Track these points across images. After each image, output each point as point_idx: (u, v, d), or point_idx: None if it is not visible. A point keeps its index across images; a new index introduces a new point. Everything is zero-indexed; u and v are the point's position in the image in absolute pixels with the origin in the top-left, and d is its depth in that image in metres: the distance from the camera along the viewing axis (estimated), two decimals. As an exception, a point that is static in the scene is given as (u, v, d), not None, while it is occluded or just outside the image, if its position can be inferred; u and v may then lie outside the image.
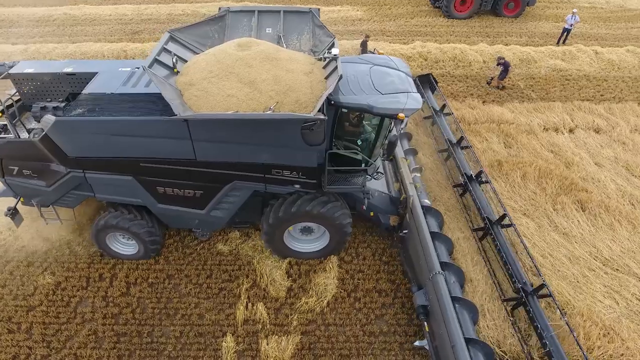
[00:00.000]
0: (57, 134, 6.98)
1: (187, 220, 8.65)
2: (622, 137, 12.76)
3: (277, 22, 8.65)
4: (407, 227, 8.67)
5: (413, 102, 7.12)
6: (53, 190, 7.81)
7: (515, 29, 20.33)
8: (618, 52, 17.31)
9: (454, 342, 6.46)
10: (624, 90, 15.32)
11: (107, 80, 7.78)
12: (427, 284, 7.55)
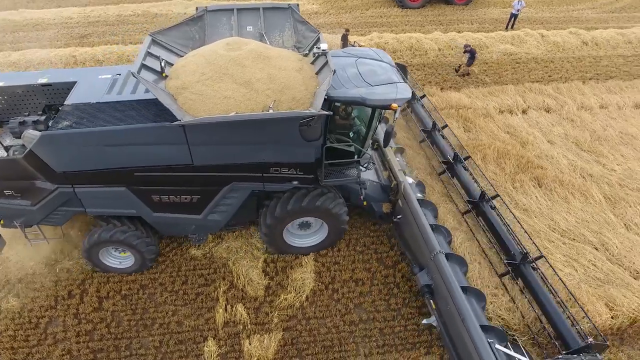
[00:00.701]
0: (43, 149, 6.64)
1: (184, 227, 8.47)
2: (570, 115, 13.55)
3: (257, 20, 8.55)
4: (400, 212, 8.91)
5: (403, 92, 7.30)
6: (39, 208, 7.40)
7: (467, 16, 21.03)
8: (562, 34, 18.28)
9: (464, 315, 6.72)
10: (569, 71, 16.24)
11: (89, 89, 7.45)
12: (429, 263, 7.80)
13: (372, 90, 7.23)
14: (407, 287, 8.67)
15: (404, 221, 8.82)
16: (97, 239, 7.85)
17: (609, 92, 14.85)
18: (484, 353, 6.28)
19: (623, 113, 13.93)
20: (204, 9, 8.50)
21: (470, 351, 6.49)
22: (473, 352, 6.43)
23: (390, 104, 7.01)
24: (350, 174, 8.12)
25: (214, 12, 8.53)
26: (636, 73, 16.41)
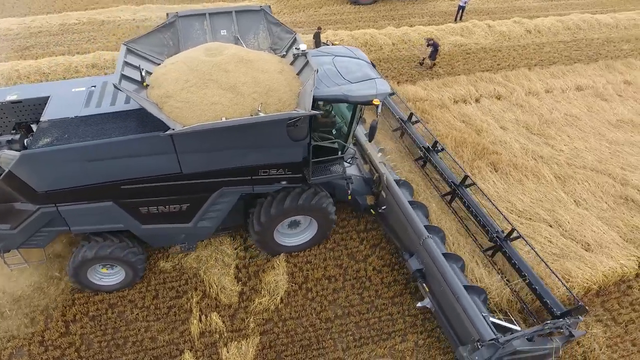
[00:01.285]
0: (23, 169, 6.39)
1: (173, 237, 8.38)
2: (519, 101, 14.26)
3: (230, 24, 8.50)
4: (384, 203, 9.18)
5: (383, 87, 7.46)
6: (19, 231, 7.08)
7: (417, 10, 21.58)
8: (507, 24, 19.14)
9: (457, 292, 7.17)
10: (515, 58, 17.05)
11: (64, 104, 7.18)
12: (419, 249, 8.15)
13: (353, 87, 7.38)
14: (379, 280, 8.90)
15: (389, 211, 9.10)
16: (81, 258, 7.58)
17: (553, 77, 15.73)
18: (480, 326, 6.74)
19: (567, 96, 14.81)
20: (175, 14, 8.32)
21: (467, 326, 6.96)
22: (470, 327, 6.89)
23: (372, 100, 7.21)
24: (336, 170, 8.27)
25: (186, 17, 8.36)
26: (576, 57, 17.47)
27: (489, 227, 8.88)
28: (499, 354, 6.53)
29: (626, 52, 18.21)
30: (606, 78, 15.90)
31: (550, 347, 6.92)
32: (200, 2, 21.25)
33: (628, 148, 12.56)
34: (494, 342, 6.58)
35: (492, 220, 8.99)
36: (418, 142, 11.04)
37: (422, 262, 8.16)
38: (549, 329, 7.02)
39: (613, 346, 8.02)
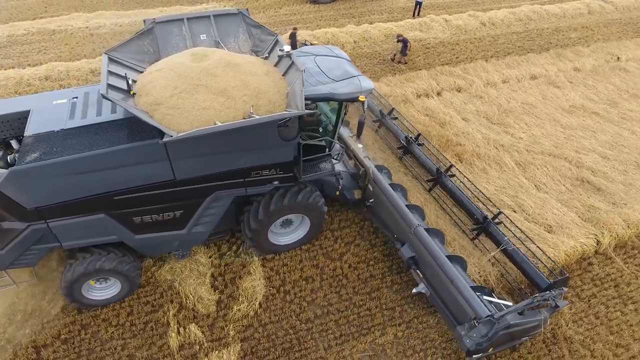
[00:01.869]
0: (12, 186, 6.24)
1: (167, 244, 8.30)
2: (478, 92, 14.77)
3: (209, 28, 8.45)
4: (371, 196, 9.40)
5: (367, 84, 7.76)
6: (8, 251, 6.86)
7: (376, 7, 21.88)
8: (462, 18, 19.74)
9: (451, 276, 7.55)
10: (472, 51, 17.62)
11: (48, 117, 6.99)
12: (410, 237, 8.42)
13: (338, 86, 7.60)
14: (355, 276, 9.03)
15: (377, 203, 9.36)
16: (73, 274, 7.35)
17: (509, 67, 16.37)
18: (476, 305, 7.17)
19: (522, 85, 15.46)
20: (152, 21, 8.23)
21: (463, 305, 7.35)
22: (465, 306, 7.30)
23: (358, 97, 7.46)
24: (325, 167, 8.44)
25: (163, 23, 8.29)
26: (529, 47, 18.24)
27: (474, 210, 9.34)
28: (495, 329, 6.95)
29: (574, 40, 19.17)
30: (557, 66, 16.70)
31: (539, 318, 7.45)
32: (156, 7, 20.73)
33: (581, 132, 13.27)
34: (489, 318, 7.00)
35: (476, 205, 9.44)
36: (398, 135, 11.43)
37: (414, 249, 8.43)
38: (538, 302, 7.48)
39: (578, 321, 8.49)
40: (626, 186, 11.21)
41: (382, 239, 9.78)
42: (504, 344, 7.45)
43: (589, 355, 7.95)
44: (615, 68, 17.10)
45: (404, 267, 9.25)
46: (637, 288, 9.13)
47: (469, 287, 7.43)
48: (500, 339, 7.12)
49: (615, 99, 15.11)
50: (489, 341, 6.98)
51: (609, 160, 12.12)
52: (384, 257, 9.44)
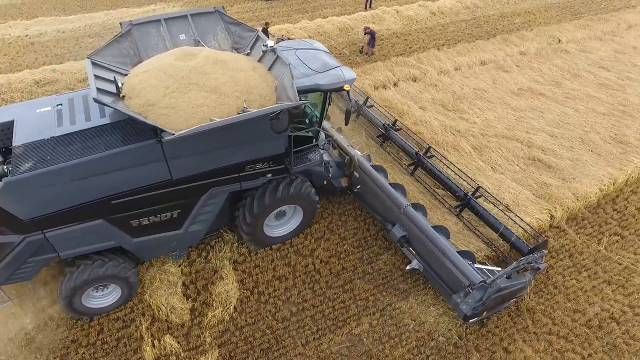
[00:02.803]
0: (7, 197, 6.12)
1: (165, 246, 8.27)
2: (433, 81, 15.22)
3: (187, 28, 8.46)
4: (358, 182, 9.84)
5: (349, 73, 8.08)
6: (3, 267, 6.69)
7: (328, 1, 21.96)
8: (413, 8, 20.19)
9: (443, 249, 8.10)
10: (425, 40, 18.09)
11: (35, 126, 6.87)
12: (400, 217, 8.87)
13: (322, 77, 7.90)
14: (327, 271, 9.17)
15: (364, 189, 9.77)
16: (75, 283, 7.21)
17: (459, 55, 16.95)
18: (469, 273, 7.73)
19: (473, 71, 16.07)
20: (129, 23, 8.09)
21: (456, 275, 7.89)
22: (459, 275, 7.85)
23: (343, 86, 7.82)
24: (313, 157, 8.65)
25: (140, 25, 8.19)
26: (477, 34, 18.94)
27: (455, 188, 9.99)
28: (488, 293, 7.53)
29: (518, 25, 20.08)
30: (504, 51, 17.46)
31: (524, 280, 8.22)
32: (100, 10, 19.88)
33: (530, 113, 13.99)
34: (482, 284, 7.57)
35: (457, 183, 10.09)
36: (376, 122, 11.94)
37: (405, 229, 8.85)
38: (523, 265, 8.20)
39: (539, 292, 9.03)
40: (573, 162, 11.96)
41: (352, 231, 9.97)
42: (495, 307, 8.12)
43: (550, 323, 8.48)
44: (557, 50, 18.09)
45: (374, 257, 9.49)
46: (589, 256, 9.80)
47: (461, 258, 7.99)
48: (493, 302, 7.77)
49: (559, 80, 16.01)
50: (483, 305, 7.60)
51: (556, 138, 12.87)
52: (354, 249, 9.63)
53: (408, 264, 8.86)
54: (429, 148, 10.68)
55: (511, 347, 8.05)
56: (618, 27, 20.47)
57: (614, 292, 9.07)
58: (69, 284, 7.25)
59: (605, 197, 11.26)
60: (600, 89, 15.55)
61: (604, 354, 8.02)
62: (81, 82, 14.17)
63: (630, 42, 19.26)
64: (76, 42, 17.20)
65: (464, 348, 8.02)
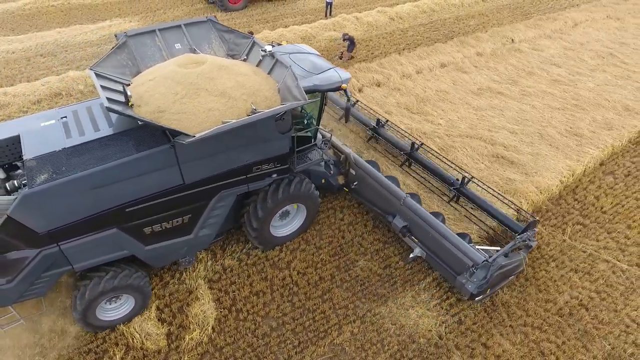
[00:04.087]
0: (25, 210, 6.11)
1: (175, 252, 8.27)
2: (396, 85, 15.51)
3: (182, 37, 8.67)
4: (354, 179, 10.23)
5: (344, 74, 8.45)
6: (17, 283, 6.54)
7: (288, 10, 22.04)
8: (372, 14, 20.54)
9: (445, 234, 8.56)
10: (385, 46, 18.43)
11: (42, 139, 6.89)
12: (400, 209, 9.27)
13: (319, 78, 8.22)
14: (305, 282, 9.11)
15: (361, 185, 10.16)
16: (90, 295, 7.18)
17: (420, 58, 17.36)
18: (472, 254, 8.20)
19: (434, 74, 16.49)
20: (124, 35, 8.21)
21: (460, 257, 8.33)
22: (463, 257, 8.30)
23: (340, 86, 8.23)
24: (314, 156, 9.02)
25: (135, 36, 8.30)
26: (435, 37, 19.48)
27: (448, 178, 10.43)
28: (491, 271, 8.03)
29: (473, 27, 20.81)
30: (462, 53, 18.03)
31: (520, 258, 8.79)
32: (52, 28, 19.11)
33: (490, 112, 14.48)
34: (485, 262, 8.04)
35: (449, 174, 10.52)
36: (365, 122, 12.30)
37: (405, 219, 9.21)
38: (519, 243, 8.77)
39: (511, 286, 9.29)
40: (534, 156, 12.45)
41: (327, 240, 9.95)
42: (497, 284, 8.67)
43: (524, 315, 8.74)
44: (511, 49, 18.86)
45: (350, 264, 9.50)
46: (555, 247, 10.20)
47: (463, 241, 8.50)
48: (495, 279, 8.27)
49: (515, 78, 16.67)
50: (487, 283, 8.10)
51: (517, 134, 13.37)
52: (330, 257, 9.62)
53: (411, 253, 9.30)
54: (422, 144, 11.16)
55: (490, 342, 8.23)
56: (565, 25, 21.58)
57: (581, 280, 9.47)
58: (83, 297, 7.21)
59: (565, 189, 11.77)
60: (553, 85, 16.31)
61: (576, 340, 8.34)
62: (35, 104, 13.56)
63: (577, 39, 20.35)
64: (27, 62, 16.45)
65: (444, 347, 8.13)
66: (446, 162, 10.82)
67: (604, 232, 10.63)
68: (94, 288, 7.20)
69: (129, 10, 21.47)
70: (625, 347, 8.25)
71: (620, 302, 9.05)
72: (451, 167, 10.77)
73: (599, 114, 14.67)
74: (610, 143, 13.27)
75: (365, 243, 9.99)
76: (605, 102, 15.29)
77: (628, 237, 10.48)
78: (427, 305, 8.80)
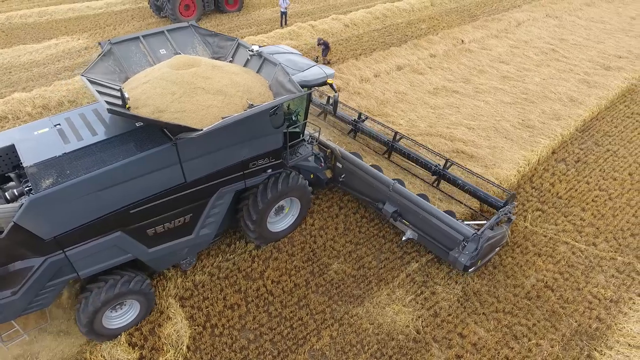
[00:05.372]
0: (32, 216, 6.05)
1: (177, 254, 8.33)
2: (356, 89, 15.76)
3: (165, 42, 8.86)
4: (341, 172, 10.69)
5: (328, 70, 8.89)
6: (22, 294, 6.42)
7: (243, 21, 22.01)
8: (327, 22, 20.87)
9: (435, 214, 9.10)
10: (342, 52, 18.74)
11: (40, 146, 6.82)
12: (390, 194, 9.74)
13: (305, 74, 8.51)
14: (280, 290, 8.98)
15: (349, 177, 10.61)
16: (94, 304, 7.12)
17: (377, 62, 17.77)
18: (462, 229, 8.76)
19: (392, 77, 16.91)
20: (108, 42, 8.30)
21: (451, 233, 8.85)
22: (454, 233, 8.81)
23: (326, 80, 8.66)
24: (305, 150, 9.41)
25: (120, 44, 8.40)
26: (389, 42, 20.02)
27: (429, 163, 11.03)
28: (480, 243, 8.59)
29: (425, 30, 21.57)
30: (417, 55, 18.62)
31: (503, 231, 9.44)
32: None
33: (447, 109, 14.99)
34: (475, 235, 8.59)
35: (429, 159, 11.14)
36: (346, 119, 12.76)
37: (395, 204, 9.68)
38: (502, 216, 9.42)
39: (481, 274, 9.57)
40: (491, 149, 12.97)
41: (299, 246, 9.89)
42: (486, 256, 9.25)
43: (495, 302, 9.01)
44: (462, 50, 19.67)
45: (324, 268, 9.48)
46: (518, 233, 10.62)
47: (452, 218, 9.04)
48: (484, 251, 8.84)
49: (468, 76, 17.38)
50: (478, 255, 8.65)
51: (474, 130, 13.89)
52: (304, 263, 9.56)
53: (403, 235, 9.80)
54: (402, 137, 11.74)
55: (465, 332, 8.41)
56: (510, 25, 22.79)
57: (545, 263, 9.89)
58: (87, 308, 7.15)
59: (523, 178, 12.32)
60: (503, 81, 17.12)
61: (546, 321, 8.67)
62: (-22, 129, 12.73)
63: (521, 37, 21.51)
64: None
65: (423, 341, 8.23)
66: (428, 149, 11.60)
67: (561, 216, 11.18)
68: (96, 298, 7.15)
69: (75, 28, 20.71)
70: (590, 322, 8.67)
71: (582, 281, 9.52)
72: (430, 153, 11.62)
73: (547, 105, 15.52)
74: (559, 132, 14.04)
75: (337, 246, 10.00)
76: (551, 95, 16.20)
77: (583, 219, 11.08)
78: (402, 301, 8.90)
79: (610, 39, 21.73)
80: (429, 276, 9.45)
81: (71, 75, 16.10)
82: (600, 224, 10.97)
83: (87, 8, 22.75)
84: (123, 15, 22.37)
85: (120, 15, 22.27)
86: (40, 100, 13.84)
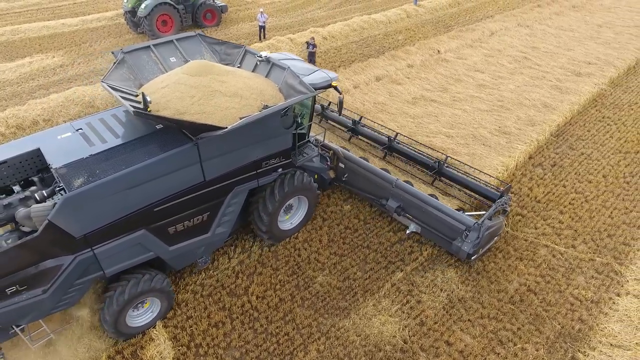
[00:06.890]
0: (66, 214, 6.25)
1: (194, 252, 8.56)
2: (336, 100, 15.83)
3: (175, 51, 9.29)
4: (344, 172, 11.16)
5: (331, 73, 9.38)
6: (52, 293, 6.56)
7: (221, 36, 22.02)
8: (305, 35, 21.02)
9: (437, 207, 9.71)
10: (321, 64, 18.88)
11: (65, 150, 7.13)
12: (393, 191, 10.31)
13: (310, 78, 8.87)
14: (265, 306, 8.87)
15: (351, 177, 11.12)
16: (118, 304, 7.34)
17: (356, 74, 17.99)
18: (464, 220, 9.38)
19: (371, 87, 17.13)
20: (120, 51, 8.70)
21: (453, 224, 9.45)
22: (456, 224, 9.42)
23: (331, 83, 9.08)
24: (310, 151, 9.83)
25: (132, 52, 8.81)
26: (367, 53, 20.31)
27: (427, 161, 11.70)
28: (481, 232, 9.18)
29: (402, 41, 21.97)
30: (394, 66, 18.93)
31: (500, 221, 10.00)
32: (-35, 69, 17.64)
33: (426, 118, 15.23)
34: (476, 225, 9.20)
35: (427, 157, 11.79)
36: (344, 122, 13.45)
37: (399, 200, 10.25)
38: (499, 206, 10.15)
39: (465, 281, 9.66)
40: (470, 156, 13.20)
41: (283, 260, 9.82)
42: (486, 245, 9.72)
43: (480, 307, 9.08)
44: (439, 60, 20.09)
45: (309, 281, 9.41)
46: (499, 239, 10.77)
47: (454, 210, 9.65)
48: (484, 240, 9.35)
49: (445, 86, 17.73)
50: (479, 243, 9.22)
51: (453, 137, 14.13)
52: (289, 277, 9.48)
53: (407, 229, 10.37)
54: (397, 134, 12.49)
55: (452, 339, 8.44)
56: (483, 35, 23.42)
57: (527, 267, 10.05)
58: (112, 307, 7.35)
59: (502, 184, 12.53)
60: (479, 90, 17.53)
61: (530, 325, 8.77)
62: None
63: (495, 46, 22.12)
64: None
65: (410, 351, 8.22)
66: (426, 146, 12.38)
67: (540, 219, 11.41)
68: (120, 297, 7.35)
69: (50, 46, 20.39)
70: (572, 324, 8.81)
71: (563, 283, 9.69)
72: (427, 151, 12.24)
73: (522, 112, 15.93)
74: (535, 138, 14.41)
75: (322, 258, 9.96)
76: (526, 101, 16.66)
77: (561, 222, 11.33)
78: (388, 311, 8.89)
79: (579, 46, 22.53)
80: (414, 285, 9.48)
81: (46, 93, 15.78)
82: (578, 226, 11.23)
83: (62, 25, 22.46)
84: (99, 31, 22.16)
85: (96, 32, 22.05)
86: (14, 120, 13.51)
